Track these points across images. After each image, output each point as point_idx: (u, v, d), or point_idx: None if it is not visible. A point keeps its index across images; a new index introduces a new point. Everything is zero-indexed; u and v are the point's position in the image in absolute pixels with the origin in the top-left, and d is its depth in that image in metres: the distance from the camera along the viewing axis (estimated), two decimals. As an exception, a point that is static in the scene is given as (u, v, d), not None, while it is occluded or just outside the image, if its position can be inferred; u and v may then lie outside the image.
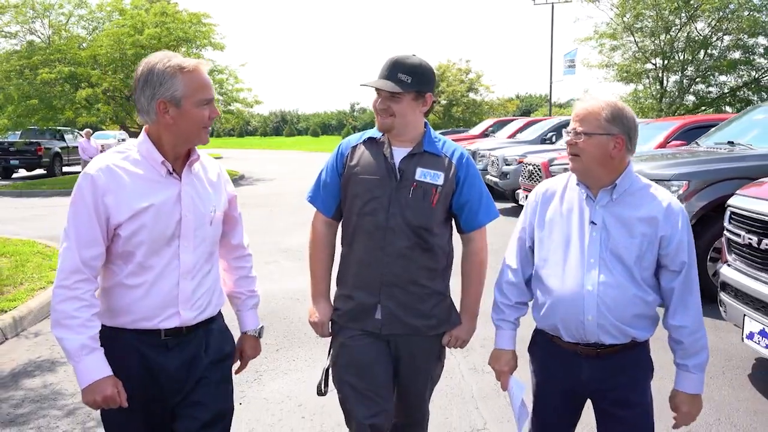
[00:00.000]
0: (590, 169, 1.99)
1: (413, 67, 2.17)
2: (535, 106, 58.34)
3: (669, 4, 19.48)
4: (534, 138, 14.30)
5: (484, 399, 3.73)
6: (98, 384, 1.82)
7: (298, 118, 77.37)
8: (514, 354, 2.23)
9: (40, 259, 7.39)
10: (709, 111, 19.80)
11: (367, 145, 2.31)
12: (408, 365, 2.30)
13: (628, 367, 2.03)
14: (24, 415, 3.61)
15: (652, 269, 1.99)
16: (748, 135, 6.47)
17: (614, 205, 1.99)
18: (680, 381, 2.04)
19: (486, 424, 3.43)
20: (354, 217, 2.26)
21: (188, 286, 1.96)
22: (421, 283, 2.24)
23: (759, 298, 3.50)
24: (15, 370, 4.31)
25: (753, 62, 19.43)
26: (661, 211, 1.96)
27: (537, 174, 9.27)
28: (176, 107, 1.88)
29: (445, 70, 38.65)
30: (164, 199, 1.91)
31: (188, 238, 1.95)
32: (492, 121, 21.72)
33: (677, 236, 1.95)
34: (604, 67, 22.15)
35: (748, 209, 3.70)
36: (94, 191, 1.84)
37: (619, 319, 1.96)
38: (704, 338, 2.02)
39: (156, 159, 1.92)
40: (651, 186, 2.03)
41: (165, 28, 18.61)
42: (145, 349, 1.92)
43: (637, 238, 1.95)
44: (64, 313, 1.82)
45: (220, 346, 2.10)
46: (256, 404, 3.72)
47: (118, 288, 1.91)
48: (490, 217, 2.31)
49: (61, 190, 17.20)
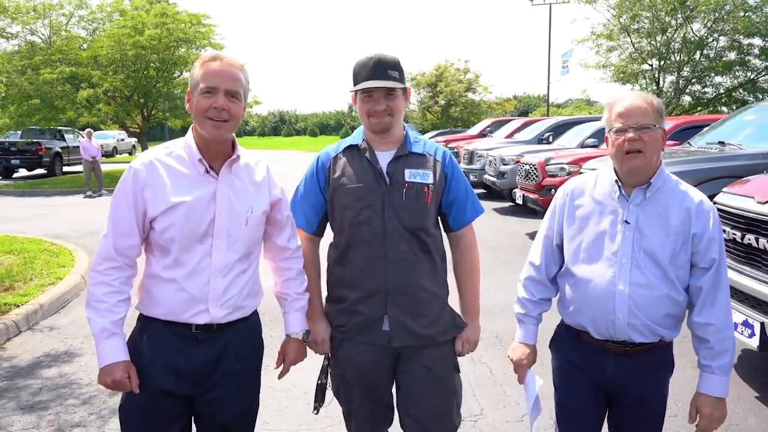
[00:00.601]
0: (650, 166, 1.95)
1: (396, 62, 2.16)
2: (533, 106, 58.45)
3: (665, 6, 19.67)
4: (531, 138, 14.45)
5: (481, 387, 3.90)
6: (111, 367, 1.89)
7: (297, 118, 77.36)
8: (534, 349, 2.23)
9: (48, 256, 7.56)
10: (705, 111, 19.98)
11: (347, 154, 2.25)
12: (424, 379, 2.20)
13: (653, 366, 2.03)
14: (42, 402, 3.78)
15: (687, 267, 1.97)
16: (739, 135, 6.65)
17: (648, 203, 1.97)
18: (704, 383, 1.98)
19: (483, 411, 3.61)
20: (347, 229, 2.20)
21: (219, 285, 1.96)
22: (426, 287, 2.20)
23: (742, 291, 3.68)
24: (31, 361, 4.48)
25: (748, 63, 19.62)
26: (693, 208, 1.95)
27: (533, 173, 9.44)
28: (192, 96, 1.95)
29: (443, 70, 38.77)
30: (198, 196, 1.92)
31: (221, 236, 1.95)
32: (490, 121, 21.87)
33: (708, 233, 1.94)
34: (601, 68, 22.33)
35: (732, 206, 3.88)
36: (134, 184, 1.90)
37: (650, 319, 1.95)
38: (730, 339, 1.97)
39: (195, 156, 1.95)
40: (681, 183, 2.01)
41: (165, 29, 18.72)
42: (175, 340, 1.96)
43: (671, 236, 1.94)
44: (93, 296, 1.92)
45: (250, 345, 2.12)
46: (264, 392, 3.80)
47: (155, 279, 1.96)
48: (477, 213, 2.32)
49: (63, 189, 17.39)
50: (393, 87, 2.11)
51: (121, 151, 36.19)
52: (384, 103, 2.12)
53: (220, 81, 1.90)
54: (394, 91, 2.13)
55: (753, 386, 3.89)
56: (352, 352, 2.23)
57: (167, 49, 19.09)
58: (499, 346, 4.63)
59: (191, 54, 20.14)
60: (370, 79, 2.10)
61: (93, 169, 16.15)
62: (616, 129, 1.95)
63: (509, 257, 7.52)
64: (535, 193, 9.28)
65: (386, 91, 2.12)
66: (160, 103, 20.20)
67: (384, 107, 2.12)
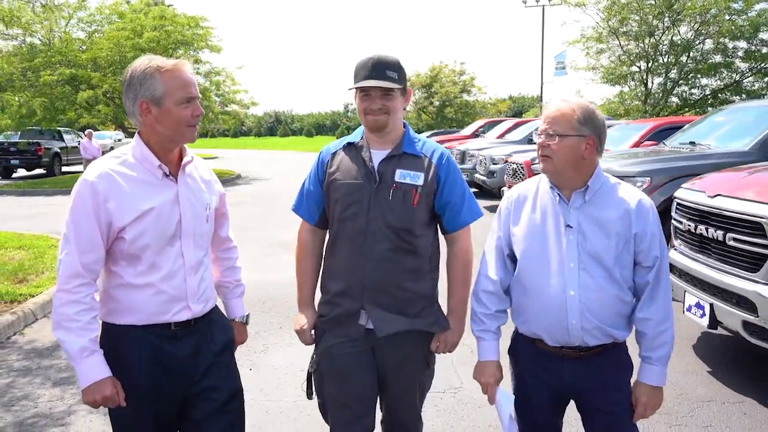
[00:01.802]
0: (562, 171, 1.98)
1: (396, 63, 2.19)
2: (527, 106, 58.91)
3: (652, 9, 20.15)
4: (521, 138, 14.86)
5: (462, 365, 4.29)
6: (98, 385, 1.90)
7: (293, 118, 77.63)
8: (498, 365, 2.18)
9: (56, 251, 7.87)
10: (692, 112, 20.44)
11: (346, 151, 2.30)
12: (395, 372, 2.28)
13: (608, 367, 2.05)
14: (65, 378, 4.18)
15: (630, 267, 1.99)
16: (709, 136, 7.08)
17: (588, 206, 1.98)
18: (642, 372, 2.04)
19: (462, 384, 4.01)
20: (335, 223, 2.26)
21: (194, 281, 2.05)
22: (406, 287, 2.21)
23: (695, 276, 4.09)
24: (50, 344, 4.86)
25: (732, 65, 20.10)
26: (633, 208, 1.96)
27: (520, 172, 9.85)
28: (157, 106, 1.92)
29: (438, 71, 39.21)
30: (163, 201, 1.97)
31: (189, 236, 2.03)
32: (482, 121, 22.30)
33: (649, 232, 1.96)
34: (591, 70, 22.78)
35: (687, 200, 4.29)
36: (95, 197, 1.88)
37: (601, 321, 1.97)
38: (668, 332, 2.01)
39: (152, 162, 1.97)
40: (620, 184, 2.04)
41: (164, 32, 19.10)
42: (155, 340, 1.99)
43: (613, 238, 1.95)
44: (65, 316, 1.88)
45: (223, 333, 2.20)
46: (265, 370, 4.28)
47: (125, 288, 1.97)
48: (473, 217, 2.31)
49: (63, 189, 17.63)
50: (389, 87, 2.14)
51: (119, 152, 36.42)
52: (380, 102, 2.16)
53: (193, 89, 1.97)
54: (392, 91, 2.16)
55: (707, 362, 4.31)
56: (329, 344, 2.28)
57: (165, 51, 19.44)
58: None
59: (189, 56, 20.52)
60: (368, 79, 2.14)
61: (93, 169, 16.44)
62: (537, 133, 2.03)
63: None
64: (522, 191, 9.67)
65: (383, 90, 2.15)
66: (158, 105, 20.50)
67: (380, 106, 2.15)
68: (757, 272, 3.55)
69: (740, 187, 3.91)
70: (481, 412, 3.62)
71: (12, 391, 3.97)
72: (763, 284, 3.49)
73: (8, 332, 5.07)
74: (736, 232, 3.73)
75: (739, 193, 3.84)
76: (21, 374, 4.26)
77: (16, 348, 4.81)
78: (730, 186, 4.00)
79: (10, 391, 3.97)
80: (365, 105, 2.18)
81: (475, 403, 3.74)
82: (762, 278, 3.50)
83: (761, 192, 3.70)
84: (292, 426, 3.49)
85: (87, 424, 3.52)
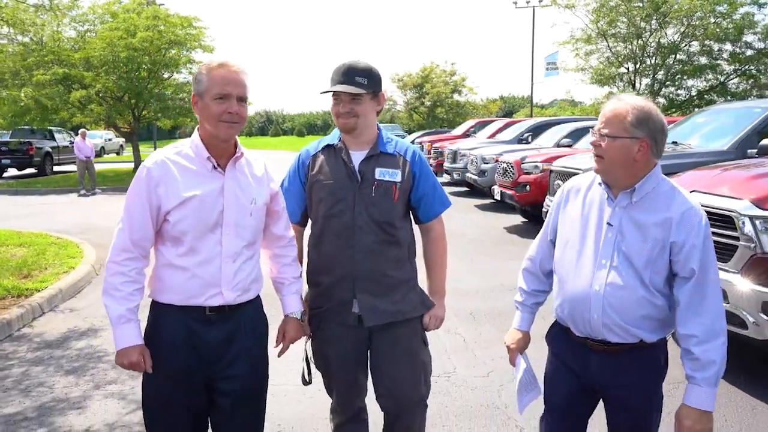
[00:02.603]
0: (612, 171, 1.98)
1: (366, 69, 2.34)
2: (518, 106, 59.32)
3: (640, 12, 20.52)
4: (512, 138, 15.11)
5: (455, 352, 4.54)
6: (126, 350, 2.07)
7: (284, 118, 77.63)
8: (526, 335, 2.34)
9: (57, 248, 8.09)
10: (678, 113, 20.83)
11: (325, 153, 2.46)
12: (391, 353, 2.44)
13: (636, 367, 2.03)
14: (78, 367, 4.38)
15: (663, 274, 1.97)
16: (691, 136, 7.37)
17: (633, 208, 1.98)
18: (688, 394, 1.93)
19: (455, 369, 4.26)
20: (321, 220, 2.41)
21: (230, 270, 2.14)
22: (390, 274, 2.40)
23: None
24: (60, 336, 5.07)
25: (717, 67, 20.51)
26: (676, 216, 1.92)
27: (510, 171, 10.11)
28: (201, 100, 2.10)
29: (429, 71, 39.50)
30: (209, 191, 2.10)
31: (230, 226, 2.14)
32: (474, 121, 22.55)
33: (689, 243, 1.91)
34: (581, 71, 23.13)
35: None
36: (148, 182, 2.07)
37: (624, 320, 1.97)
38: (716, 351, 1.90)
39: (203, 155, 2.12)
40: (676, 190, 1.99)
41: (157, 32, 19.18)
42: (191, 322, 2.12)
43: (649, 242, 1.94)
44: (111, 285, 2.09)
45: (257, 324, 2.30)
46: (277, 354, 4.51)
47: (169, 268, 2.12)
48: (444, 206, 2.54)
49: (56, 188, 17.77)
50: (356, 92, 2.30)
51: (109, 151, 36.47)
52: (348, 106, 2.32)
53: (233, 88, 2.08)
54: (359, 96, 2.32)
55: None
56: (329, 333, 2.47)
57: (159, 51, 19.55)
58: (473, 321, 5.28)
59: (182, 56, 20.63)
60: (338, 84, 2.32)
61: (87, 168, 16.55)
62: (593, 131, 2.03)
63: (486, 248, 8.20)
64: (512, 190, 9.96)
65: (351, 95, 2.32)
66: (151, 104, 20.63)
67: (348, 110, 2.33)
68: (727, 262, 3.81)
69: (714, 184, 4.18)
70: (473, 394, 3.87)
71: (28, 379, 4.17)
72: (733, 273, 3.76)
73: (18, 325, 5.26)
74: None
75: (712, 189, 4.11)
76: (34, 364, 4.46)
77: (27, 340, 5.01)
78: (704, 183, 4.27)
79: (26, 379, 4.17)
80: (336, 109, 2.38)
81: (467, 386, 3.99)
82: (732, 267, 3.77)
83: (733, 188, 3.97)
84: (296, 407, 3.72)
85: (103, 407, 3.73)
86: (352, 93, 2.31)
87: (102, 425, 3.51)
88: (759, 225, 3.63)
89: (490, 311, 5.55)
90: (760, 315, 3.55)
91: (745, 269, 3.70)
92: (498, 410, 3.66)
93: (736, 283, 3.71)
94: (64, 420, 3.59)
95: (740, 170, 4.43)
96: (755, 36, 19.72)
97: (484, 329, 5.08)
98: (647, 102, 1.97)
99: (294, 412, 3.67)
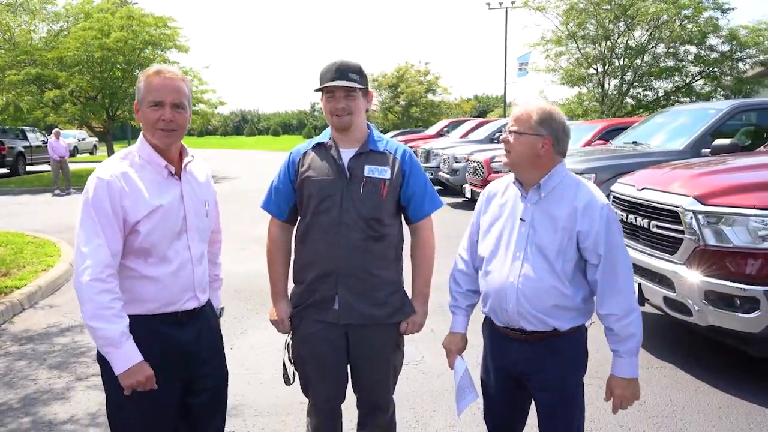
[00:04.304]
0: (519, 165, 2.15)
1: (357, 67, 2.37)
2: (491, 106, 59.96)
3: (608, 15, 21.02)
4: (483, 138, 15.45)
5: (423, 342, 4.78)
6: (138, 366, 1.99)
7: (259, 117, 77.23)
8: (463, 337, 2.44)
9: (34, 247, 8.15)
10: (646, 113, 21.38)
11: (316, 151, 2.47)
12: (367, 355, 2.46)
13: (552, 354, 2.17)
14: (61, 361, 4.54)
15: (573, 263, 2.11)
16: (650, 136, 7.74)
17: (543, 202, 2.14)
18: (614, 366, 2.16)
19: (423, 358, 4.51)
20: (308, 216, 2.42)
21: (199, 272, 2.21)
22: (375, 273, 2.40)
23: (626, 259, 4.64)
24: (42, 331, 5.20)
25: (682, 69, 21.11)
26: (580, 207, 2.08)
27: (480, 170, 10.41)
28: (141, 108, 2.11)
29: (404, 71, 39.73)
30: (171, 198, 2.12)
31: (193, 230, 2.18)
32: (447, 121, 22.88)
33: (594, 230, 2.06)
34: (551, 72, 23.56)
35: (621, 192, 4.87)
36: (111, 195, 2.00)
37: (536, 309, 2.12)
38: (633, 324, 2.10)
39: (159, 163, 2.12)
40: (580, 184, 2.16)
41: (131, 32, 19.13)
42: (164, 328, 2.13)
43: (558, 233, 2.09)
44: (100, 304, 1.94)
45: (214, 322, 2.39)
46: (245, 349, 4.71)
47: (138, 280, 2.08)
48: (435, 207, 2.54)
49: (29, 188, 17.63)
50: (352, 87, 2.33)
51: (82, 151, 36.13)
52: (344, 102, 2.33)
53: (165, 94, 2.06)
54: (354, 92, 2.34)
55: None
56: (307, 330, 2.47)
57: (133, 51, 19.49)
58: (441, 313, 5.44)
59: (157, 55, 20.59)
60: (332, 80, 2.32)
61: (61, 167, 16.45)
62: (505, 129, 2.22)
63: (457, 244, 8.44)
64: (482, 188, 10.24)
65: (346, 91, 2.33)
66: (125, 104, 20.55)
67: (344, 105, 2.33)
68: (674, 254, 4.12)
69: (663, 182, 4.48)
70: (439, 380, 4.12)
71: (11, 372, 4.31)
72: (679, 264, 4.06)
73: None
74: (658, 219, 4.31)
75: (661, 186, 4.41)
76: (17, 358, 4.60)
77: (9, 335, 5.13)
78: (654, 180, 4.58)
79: (10, 372, 4.31)
80: (331, 105, 2.36)
81: (434, 372, 4.25)
82: (678, 259, 4.08)
83: (680, 186, 4.27)
84: (271, 394, 3.93)
85: (86, 396, 3.90)
86: (348, 88, 2.33)
87: (84, 414, 3.68)
88: (702, 219, 3.93)
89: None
90: (703, 302, 3.84)
91: (689, 261, 4.00)
92: (462, 394, 3.90)
93: (683, 274, 4.00)
94: (48, 410, 3.74)
95: (686, 169, 4.75)
96: (719, 39, 20.36)
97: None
98: (551, 105, 2.19)
99: (268, 398, 3.87)
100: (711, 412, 3.62)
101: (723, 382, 3.99)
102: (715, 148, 6.33)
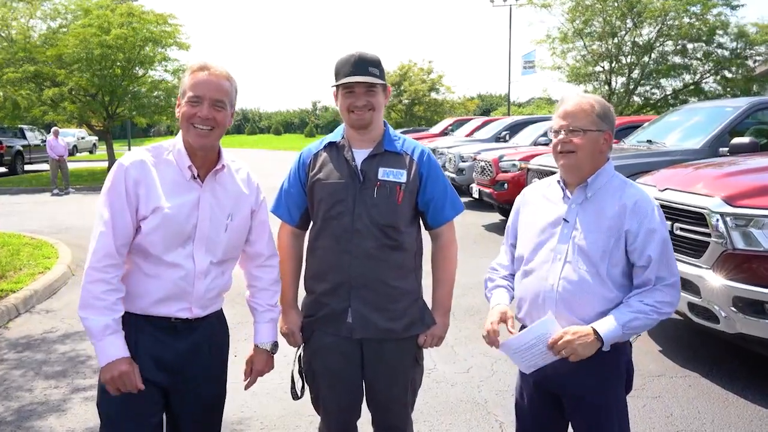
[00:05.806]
0: (583, 166, 1.99)
1: (376, 60, 2.21)
2: (495, 105, 59.68)
3: (615, 11, 20.82)
4: (489, 137, 15.27)
5: (436, 349, 4.50)
6: (116, 363, 1.90)
7: (260, 116, 77.02)
8: (504, 309, 2.14)
9: (31, 249, 7.97)
10: (653, 112, 21.18)
11: (328, 151, 2.30)
12: (383, 370, 2.28)
13: (591, 367, 1.96)
14: (57, 370, 4.34)
15: (621, 266, 1.96)
16: (664, 135, 7.53)
17: (588, 202, 2.00)
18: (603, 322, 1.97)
19: (436, 365, 4.31)
20: (319, 222, 2.27)
21: (201, 286, 2.03)
22: (391, 283, 2.23)
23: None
24: (38, 337, 5.01)
25: (690, 67, 20.89)
26: (629, 205, 1.95)
27: (488, 170, 10.20)
28: (181, 102, 2.02)
29: (407, 69, 39.56)
30: (183, 202, 1.98)
31: (202, 241, 2.02)
32: (451, 120, 22.69)
33: (644, 229, 1.93)
34: (557, 69, 23.40)
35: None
36: (127, 180, 1.93)
37: (577, 316, 1.96)
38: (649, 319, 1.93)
39: (184, 162, 2.01)
40: (628, 183, 2.04)
41: (131, 29, 18.94)
42: (156, 332, 2.02)
43: (604, 232, 1.95)
44: (91, 294, 1.90)
45: (220, 338, 2.21)
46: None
47: (136, 275, 2.01)
48: (456, 211, 2.34)
49: (29, 188, 17.49)
50: (373, 83, 2.16)
51: (82, 150, 35.98)
52: (364, 98, 2.17)
53: (206, 91, 1.96)
54: (375, 87, 2.18)
55: (658, 342, 4.72)
56: (319, 343, 2.31)
57: (133, 49, 19.29)
58: (452, 318, 5.19)
59: (157, 53, 20.39)
60: (352, 75, 2.14)
61: (60, 167, 16.28)
62: (554, 130, 2.04)
63: (465, 246, 8.24)
64: (490, 188, 10.06)
65: (367, 86, 2.16)
66: (125, 102, 20.36)
67: (364, 102, 2.17)
68: (699, 258, 3.92)
69: (686, 182, 4.28)
70: (453, 390, 3.93)
71: (5, 382, 4.12)
72: (705, 269, 3.87)
73: (-7, 326, 5.18)
74: (682, 222, 4.11)
75: (685, 187, 4.21)
76: (12, 366, 4.40)
77: (4, 341, 4.94)
78: (677, 180, 4.38)
79: (4, 382, 4.12)
80: (349, 102, 2.18)
81: (447, 382, 4.05)
82: (704, 263, 3.88)
83: (704, 186, 4.08)
84: (278, 405, 3.74)
85: (84, 409, 3.70)
86: (369, 84, 2.17)
87: (83, 429, 3.48)
88: (729, 222, 3.73)
89: (469, 308, 5.61)
90: (731, 309, 3.65)
91: (716, 265, 3.80)
92: (478, 405, 3.72)
93: (708, 279, 3.81)
94: (43, 423, 3.55)
95: (712, 168, 4.55)
96: (728, 37, 20.13)
97: (464, 326, 5.13)
98: (600, 97, 2.07)
99: (276, 410, 3.69)
100: (743, 426, 3.42)
101: (752, 393, 3.79)
102: (733, 146, 6.12)
